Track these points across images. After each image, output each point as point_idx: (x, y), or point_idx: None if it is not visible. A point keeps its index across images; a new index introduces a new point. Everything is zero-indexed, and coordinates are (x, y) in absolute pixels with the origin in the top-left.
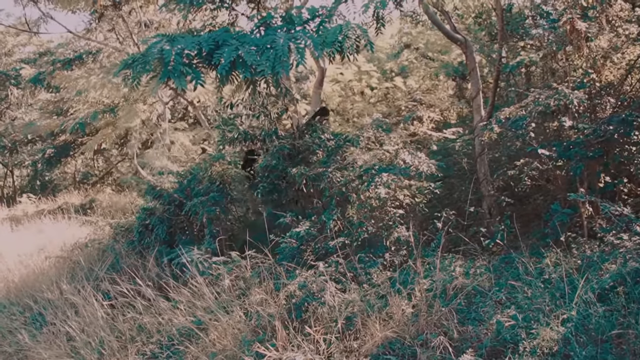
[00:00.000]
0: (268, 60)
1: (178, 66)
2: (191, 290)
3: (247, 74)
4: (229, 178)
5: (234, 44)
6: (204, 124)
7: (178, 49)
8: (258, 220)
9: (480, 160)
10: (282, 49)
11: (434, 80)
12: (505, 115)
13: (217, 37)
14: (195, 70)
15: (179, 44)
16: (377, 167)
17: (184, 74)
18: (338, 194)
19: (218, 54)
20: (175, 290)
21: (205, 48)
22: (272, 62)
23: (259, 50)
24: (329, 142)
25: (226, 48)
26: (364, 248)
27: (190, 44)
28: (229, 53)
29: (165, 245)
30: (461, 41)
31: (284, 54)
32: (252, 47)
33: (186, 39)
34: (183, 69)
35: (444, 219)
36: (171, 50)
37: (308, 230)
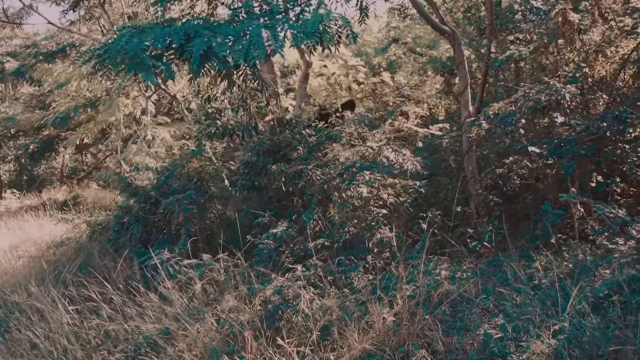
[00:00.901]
0: (241, 48)
1: (145, 59)
2: (160, 296)
3: (220, 66)
4: (207, 175)
5: (205, 35)
6: (187, 119)
7: (143, 41)
8: (238, 219)
9: (468, 158)
10: (256, 35)
11: (422, 75)
12: (494, 111)
13: (188, 28)
14: (166, 63)
15: (146, 37)
16: (359, 165)
17: (153, 67)
18: (319, 192)
19: (189, 47)
20: (144, 295)
21: (175, 41)
22: (246, 49)
23: (234, 39)
24: (310, 137)
25: (197, 40)
26: (345, 250)
27: (159, 36)
28: (199, 45)
29: (140, 245)
30: (449, 33)
31: (258, 42)
32: (226, 37)
33: (155, 30)
34: (151, 62)
35: (429, 219)
36: (136, 43)
37: (286, 230)
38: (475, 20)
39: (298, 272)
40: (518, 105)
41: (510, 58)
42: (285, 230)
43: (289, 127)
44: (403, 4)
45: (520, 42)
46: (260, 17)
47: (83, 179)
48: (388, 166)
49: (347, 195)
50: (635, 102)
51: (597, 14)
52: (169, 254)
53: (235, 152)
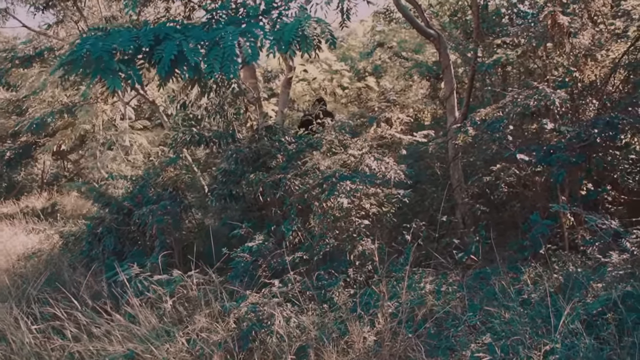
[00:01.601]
0: (216, 59)
1: (110, 64)
2: (128, 315)
3: (190, 73)
4: (182, 184)
5: (177, 38)
6: (166, 125)
7: (109, 45)
8: (217, 230)
9: (454, 165)
10: (230, 47)
11: (407, 80)
12: (481, 117)
13: (158, 31)
14: (134, 68)
15: (113, 40)
16: (339, 175)
17: (120, 72)
18: (300, 202)
19: (159, 50)
20: (112, 313)
21: (144, 44)
22: (221, 60)
23: (207, 45)
24: (289, 145)
25: (168, 43)
26: (326, 262)
27: (127, 39)
28: (170, 49)
29: (113, 258)
30: (434, 36)
31: (232, 53)
32: (198, 42)
33: (123, 33)
34: (117, 67)
35: (413, 230)
36: (101, 47)
37: (262, 244)
38: (461, 24)
39: (274, 289)
40: (506, 110)
41: (498, 62)
42: (261, 243)
43: (268, 135)
44: (388, 8)
45: (507, 46)
46: (237, 22)
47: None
48: (370, 176)
49: (327, 206)
50: (626, 108)
51: (586, 17)
52: (141, 268)
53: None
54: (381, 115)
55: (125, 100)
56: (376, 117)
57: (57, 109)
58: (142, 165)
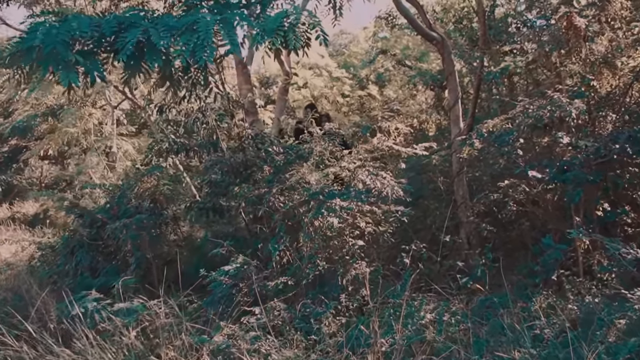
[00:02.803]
0: (188, 44)
1: (65, 55)
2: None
3: (158, 61)
4: (161, 196)
5: (143, 25)
6: (154, 130)
7: (65, 32)
8: (201, 245)
9: (459, 181)
10: (205, 32)
11: (411, 90)
12: (488, 129)
13: (123, 19)
14: (94, 61)
15: (68, 27)
16: (327, 191)
17: (77, 65)
18: (289, 218)
19: (122, 37)
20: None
21: (107, 32)
22: (194, 46)
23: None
24: (277, 156)
25: (133, 30)
26: (315, 287)
27: (85, 26)
28: (134, 34)
29: (87, 274)
30: (437, 40)
31: (207, 38)
32: (169, 30)
33: (82, 20)
34: (73, 59)
35: (413, 251)
36: (55, 35)
37: (241, 267)
38: (466, 31)
39: (252, 320)
40: (517, 122)
41: (506, 70)
42: (240, 266)
43: (255, 144)
44: (390, 13)
45: (516, 54)
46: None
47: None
48: (363, 192)
49: (317, 225)
50: None
51: (603, 21)
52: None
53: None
54: (377, 124)
55: (113, 104)
56: (370, 126)
57: (41, 111)
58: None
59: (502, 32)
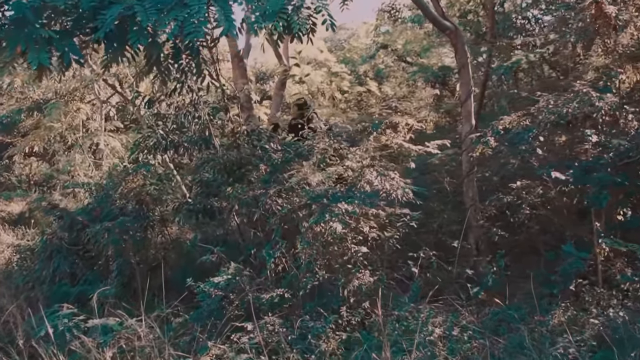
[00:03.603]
0: (177, 19)
1: (35, 30)
2: None
3: (143, 41)
4: (147, 197)
5: (127, 3)
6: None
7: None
8: (190, 250)
9: (468, 181)
10: (199, 3)
11: (411, 86)
12: (504, 126)
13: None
14: (70, 41)
15: None
16: (331, 194)
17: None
18: (288, 222)
19: (103, 15)
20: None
21: (84, 5)
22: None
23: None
24: (275, 154)
25: (115, 6)
26: (314, 298)
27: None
28: (115, 10)
29: (65, 281)
30: (450, 29)
31: (201, 11)
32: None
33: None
34: (45, 35)
35: (421, 260)
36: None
37: (232, 279)
38: (472, 25)
39: (244, 339)
40: (539, 118)
41: (517, 64)
42: (231, 278)
43: (250, 140)
44: (394, 6)
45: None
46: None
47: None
48: (371, 195)
49: (317, 231)
50: None
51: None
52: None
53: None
54: (387, 120)
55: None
56: (381, 121)
57: (25, 106)
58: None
59: (511, 25)
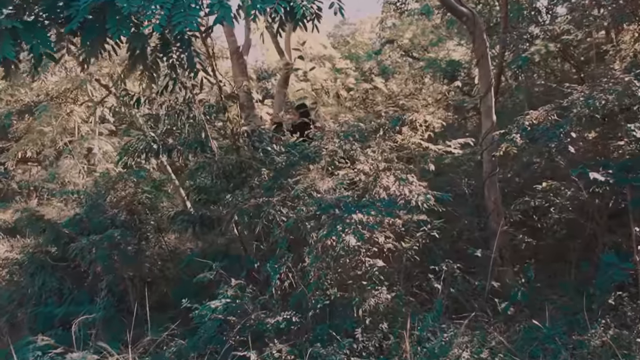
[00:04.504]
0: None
1: None
2: None
3: (124, 31)
4: (138, 206)
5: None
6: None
7: None
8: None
9: (490, 183)
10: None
11: (417, 83)
12: (531, 121)
13: None
14: (40, 32)
15: None
16: (343, 203)
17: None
18: (294, 231)
19: (76, 1)
20: None
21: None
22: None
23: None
24: (278, 157)
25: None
26: (325, 320)
27: None
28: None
29: (53, 299)
30: (468, 16)
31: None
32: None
33: None
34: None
35: (445, 273)
36: None
37: (232, 303)
38: (483, 15)
39: None
40: (573, 112)
41: (537, 54)
42: (232, 300)
43: (251, 142)
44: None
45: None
46: None
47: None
48: (388, 204)
49: (326, 245)
50: None
51: None
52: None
53: None
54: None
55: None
56: (399, 117)
57: (16, 109)
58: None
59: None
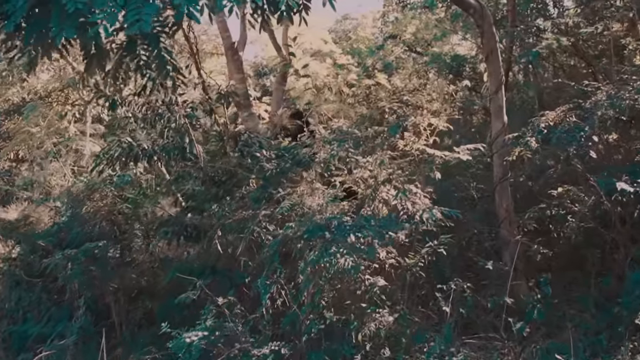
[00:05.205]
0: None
1: None
2: None
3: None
4: (119, 216)
5: None
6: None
7: None
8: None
9: (502, 189)
10: None
11: (421, 78)
12: (547, 123)
13: None
14: None
15: None
16: (335, 225)
17: None
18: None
19: None
20: None
21: None
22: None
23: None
24: (268, 163)
25: None
26: (320, 346)
27: None
28: None
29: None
30: (475, 8)
31: None
32: None
33: None
34: None
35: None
36: None
37: (209, 335)
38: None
39: None
40: (598, 114)
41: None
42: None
43: (238, 147)
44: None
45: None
46: None
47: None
48: (387, 223)
49: (320, 267)
50: None
51: None
52: None
53: None
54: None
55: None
56: (400, 123)
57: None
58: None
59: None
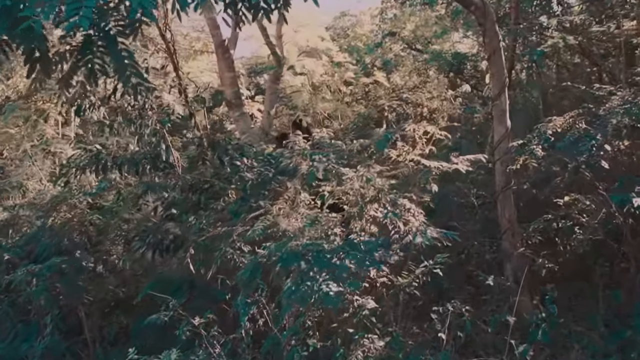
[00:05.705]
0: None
1: None
2: None
3: None
4: (90, 227)
5: None
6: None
7: None
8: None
9: (504, 198)
10: None
11: (421, 76)
12: (555, 129)
13: None
14: None
15: None
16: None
17: None
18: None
19: None
20: None
21: None
22: None
23: None
24: (249, 171)
25: None
26: None
27: None
28: None
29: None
30: (477, 5)
31: None
32: None
33: None
34: None
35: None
36: None
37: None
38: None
39: None
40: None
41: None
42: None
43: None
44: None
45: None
46: None
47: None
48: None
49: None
50: None
51: None
52: None
53: None
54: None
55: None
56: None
57: None
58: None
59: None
